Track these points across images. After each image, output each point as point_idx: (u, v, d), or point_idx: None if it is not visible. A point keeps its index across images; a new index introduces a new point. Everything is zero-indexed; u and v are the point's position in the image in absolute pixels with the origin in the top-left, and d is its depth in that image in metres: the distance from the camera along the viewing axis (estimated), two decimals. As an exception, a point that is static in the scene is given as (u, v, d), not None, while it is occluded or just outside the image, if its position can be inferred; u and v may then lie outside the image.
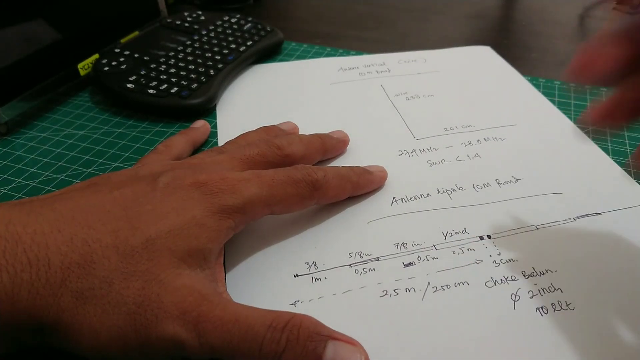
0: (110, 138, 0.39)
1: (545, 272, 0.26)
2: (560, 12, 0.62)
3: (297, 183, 0.27)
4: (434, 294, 0.25)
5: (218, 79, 0.43)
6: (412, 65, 0.48)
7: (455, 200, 0.31)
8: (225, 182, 0.24)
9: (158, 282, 0.21)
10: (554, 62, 0.49)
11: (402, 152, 0.36)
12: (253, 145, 0.30)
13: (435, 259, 0.27)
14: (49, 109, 0.43)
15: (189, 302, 0.21)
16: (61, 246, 0.21)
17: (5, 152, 0.37)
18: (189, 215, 0.23)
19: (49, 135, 0.39)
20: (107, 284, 0.21)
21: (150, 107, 0.41)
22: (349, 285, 0.26)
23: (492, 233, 0.29)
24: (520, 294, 0.25)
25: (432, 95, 0.43)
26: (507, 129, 0.38)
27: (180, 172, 0.25)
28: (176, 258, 0.22)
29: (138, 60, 0.44)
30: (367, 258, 0.28)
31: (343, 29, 0.58)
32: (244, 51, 0.47)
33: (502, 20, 0.62)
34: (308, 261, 0.27)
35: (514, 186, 0.32)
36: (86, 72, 0.44)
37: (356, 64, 0.48)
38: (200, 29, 0.50)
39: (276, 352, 0.20)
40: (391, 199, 0.32)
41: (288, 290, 0.26)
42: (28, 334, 0.21)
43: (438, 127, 0.39)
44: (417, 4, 0.65)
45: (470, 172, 0.34)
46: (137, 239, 0.22)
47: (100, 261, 0.21)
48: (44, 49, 0.41)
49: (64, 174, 0.35)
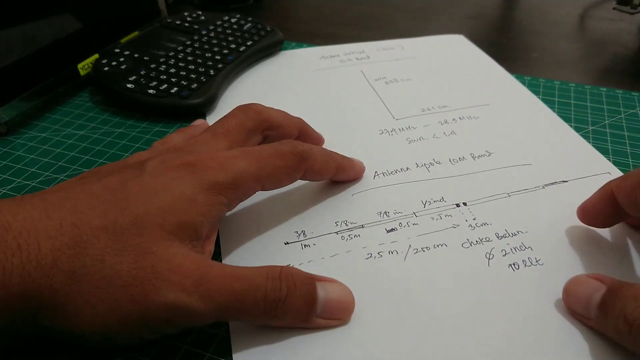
0: (110, 138, 0.39)
1: (516, 233, 0.29)
2: (560, 12, 0.62)
3: (285, 155, 0.27)
4: (415, 255, 0.28)
5: (218, 79, 0.43)
6: (390, 52, 0.50)
7: (433, 173, 0.34)
8: (213, 160, 0.25)
9: (151, 254, 0.21)
10: (554, 62, 0.49)
11: (382, 132, 0.38)
12: (230, 116, 0.30)
13: (416, 224, 0.29)
14: (49, 109, 0.43)
15: (185, 267, 0.21)
16: (50, 230, 0.21)
17: (5, 152, 0.37)
18: (178, 192, 0.23)
19: (49, 135, 0.39)
20: (99, 261, 0.21)
21: (150, 107, 0.41)
22: (336, 250, 0.28)
23: (467, 201, 0.31)
24: (494, 253, 0.28)
25: (409, 79, 0.45)
26: (480, 108, 0.41)
27: (167, 156, 0.25)
28: (166, 232, 0.22)
29: (138, 60, 0.44)
30: (352, 226, 0.29)
31: (343, 29, 0.58)
32: (244, 51, 0.47)
33: (502, 20, 0.62)
34: (297, 230, 0.29)
35: (487, 159, 0.35)
36: (86, 72, 0.44)
37: (337, 52, 0.51)
38: (200, 29, 0.50)
39: (280, 298, 0.22)
40: (373, 172, 0.34)
41: (279, 256, 0.28)
42: (23, 321, 0.21)
43: (416, 108, 0.41)
44: (417, 4, 0.65)
45: (447, 147, 0.36)
46: (125, 218, 0.22)
47: (90, 241, 0.21)
48: (44, 49, 0.41)
49: (64, 174, 0.35)
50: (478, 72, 0.47)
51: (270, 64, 0.49)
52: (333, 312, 0.24)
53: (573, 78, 0.46)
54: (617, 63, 0.50)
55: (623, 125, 0.39)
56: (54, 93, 0.43)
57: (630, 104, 0.42)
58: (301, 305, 0.22)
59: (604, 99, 0.43)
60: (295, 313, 0.23)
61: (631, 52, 0.52)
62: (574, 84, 0.45)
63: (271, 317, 0.22)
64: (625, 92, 0.44)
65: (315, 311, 0.23)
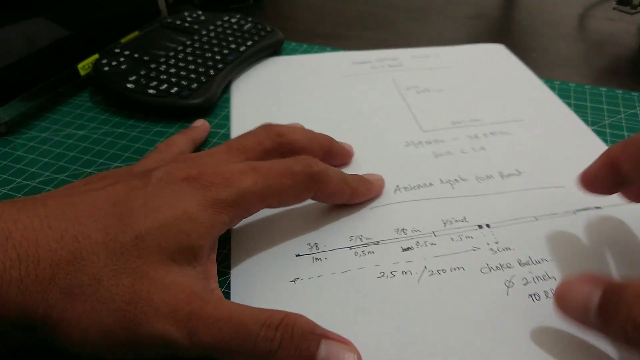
0: (111, 138, 0.39)
1: (540, 261, 0.27)
2: (560, 12, 0.62)
3: (295, 175, 0.26)
4: (430, 277, 0.26)
5: (218, 79, 0.43)
6: (424, 60, 0.49)
7: (458, 191, 0.32)
8: (218, 175, 0.24)
9: (148, 280, 0.21)
10: (554, 62, 0.49)
11: (408, 144, 0.37)
12: (250, 134, 0.29)
13: (434, 244, 0.28)
14: (49, 109, 0.43)
15: (179, 299, 0.21)
16: (51, 242, 0.21)
17: (5, 152, 0.37)
18: (180, 210, 0.22)
19: (49, 135, 0.39)
20: (96, 281, 0.20)
21: (150, 107, 0.41)
22: (348, 265, 0.27)
23: (491, 222, 0.29)
24: (514, 281, 0.26)
25: (442, 89, 0.43)
26: (514, 124, 0.39)
27: (173, 167, 0.25)
28: (166, 255, 0.22)
29: (138, 60, 0.44)
30: (367, 241, 0.28)
31: (343, 29, 0.58)
32: (244, 51, 0.47)
33: (502, 20, 0.62)
34: (310, 242, 0.28)
35: (516, 179, 0.33)
36: (86, 72, 0.44)
37: (369, 58, 0.49)
38: (200, 29, 0.50)
39: (270, 350, 0.20)
40: (395, 186, 0.32)
41: (289, 269, 0.27)
42: (18, 331, 0.20)
43: (446, 120, 0.39)
44: (417, 4, 0.65)
45: (474, 164, 0.34)
46: (126, 236, 0.21)
47: (90, 258, 0.21)
48: (44, 49, 0.41)
49: (64, 174, 0.35)
50: (515, 86, 0.44)
51: (303, 68, 0.48)
52: None
53: (573, 78, 0.46)
54: (617, 63, 0.50)
55: (623, 125, 0.39)
56: (54, 93, 0.43)
57: (630, 104, 0.42)
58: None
59: (603, 99, 0.43)
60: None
61: (631, 52, 0.52)
62: (573, 84, 0.45)
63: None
64: (625, 92, 0.44)
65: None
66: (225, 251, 0.28)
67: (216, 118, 0.41)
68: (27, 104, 0.40)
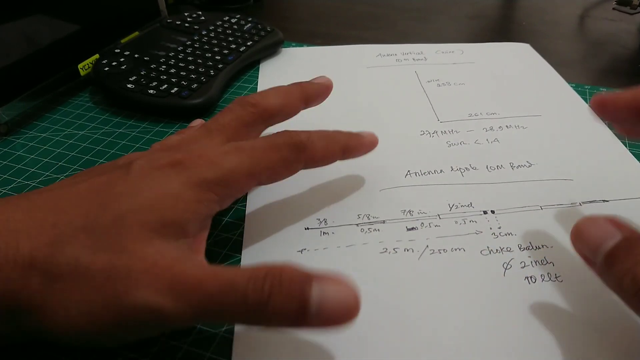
0: (111, 138, 0.39)
1: (540, 247, 0.28)
2: (560, 12, 0.62)
3: (280, 147, 0.26)
4: (431, 255, 0.27)
5: (218, 79, 0.43)
6: (448, 55, 0.50)
7: (467, 178, 0.33)
8: (202, 158, 0.24)
9: (127, 253, 0.20)
10: (554, 62, 0.49)
11: (423, 132, 0.38)
12: (226, 111, 0.29)
13: (437, 226, 0.29)
14: (49, 109, 0.43)
15: (159, 266, 0.20)
16: (31, 230, 0.21)
17: (5, 152, 0.37)
18: (163, 190, 0.22)
19: (49, 136, 0.39)
20: (75, 260, 0.20)
21: (150, 107, 0.41)
22: (353, 240, 0.28)
23: (496, 209, 0.30)
24: (512, 264, 0.27)
25: (463, 83, 0.45)
26: (531, 119, 0.39)
27: (156, 155, 0.24)
28: (147, 230, 0.21)
29: (138, 60, 0.44)
30: (373, 220, 0.30)
31: (343, 29, 0.58)
32: (244, 51, 0.47)
33: (502, 20, 0.62)
34: (319, 217, 0.30)
35: (526, 170, 0.34)
36: (86, 72, 0.44)
37: (394, 51, 0.51)
38: (200, 29, 0.50)
39: (261, 300, 0.19)
40: (406, 171, 0.34)
41: (297, 240, 0.28)
42: (3, 321, 0.20)
43: (463, 112, 0.40)
44: (417, 4, 0.65)
45: (486, 154, 0.35)
46: (106, 217, 0.21)
47: (69, 241, 0.21)
48: (44, 49, 0.41)
49: (64, 174, 0.35)
50: (536, 82, 0.45)
51: (330, 60, 0.49)
52: (330, 314, 0.20)
53: (573, 78, 0.46)
54: (617, 63, 0.50)
55: (623, 125, 0.39)
56: (54, 93, 0.43)
57: (630, 104, 0.42)
58: (289, 307, 0.20)
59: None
60: (284, 315, 0.20)
61: (631, 52, 0.52)
62: (573, 84, 0.45)
63: (257, 320, 0.20)
64: (625, 92, 0.44)
65: (309, 313, 0.20)
66: (236, 236, 0.29)
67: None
68: (27, 104, 0.40)
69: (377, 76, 0.46)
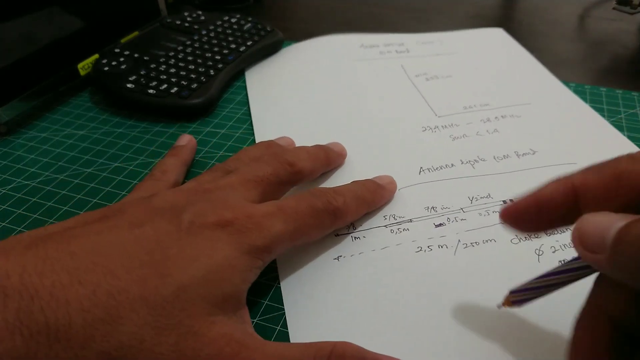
0: (110, 138, 0.39)
1: (565, 230, 0.28)
2: (560, 12, 0.62)
3: (319, 214, 0.26)
4: (465, 249, 0.28)
5: (218, 79, 0.43)
6: (429, 46, 0.51)
7: (478, 170, 0.34)
8: (251, 220, 0.23)
9: (192, 335, 0.20)
10: (554, 62, 0.49)
11: (425, 128, 0.38)
12: (263, 162, 0.28)
13: (464, 220, 0.30)
14: (49, 109, 0.43)
15: (226, 353, 0.20)
16: (83, 301, 0.19)
17: (5, 152, 0.37)
18: (220, 257, 0.22)
19: (49, 135, 0.39)
20: (138, 342, 0.19)
21: (150, 107, 0.41)
22: (386, 242, 0.28)
23: (514, 197, 0.30)
24: (543, 250, 0.28)
25: (450, 76, 0.45)
26: (522, 107, 0.41)
27: (201, 208, 0.23)
28: (210, 305, 0.21)
29: (138, 60, 0.44)
30: (400, 220, 0.30)
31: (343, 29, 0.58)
32: (244, 51, 0.47)
33: (502, 20, 0.62)
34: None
35: (531, 157, 0.35)
36: (86, 72, 0.44)
37: (377, 42, 0.51)
38: (200, 29, 0.50)
39: None
40: (419, 168, 0.34)
41: (331, 248, 0.28)
42: None
43: (458, 105, 0.41)
44: (417, 4, 0.65)
45: (491, 145, 0.36)
46: (167, 288, 0.20)
47: (128, 316, 0.19)
48: (44, 49, 0.41)
49: (64, 174, 0.35)
50: (518, 70, 0.47)
51: (313, 51, 0.49)
52: None
53: (573, 78, 0.46)
54: (617, 63, 0.50)
55: (623, 125, 0.39)
56: (54, 93, 0.43)
57: (630, 104, 0.42)
58: None
59: (603, 99, 0.43)
60: None
61: (631, 52, 0.52)
62: (574, 84, 0.45)
63: None
64: (625, 92, 0.44)
65: None
66: None
67: (216, 118, 0.41)
68: (27, 104, 0.40)
69: (366, 72, 0.46)
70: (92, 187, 0.34)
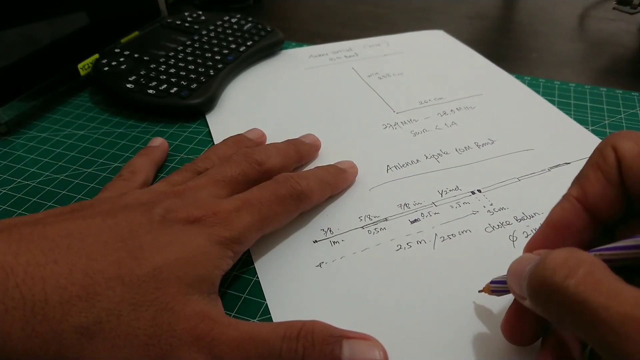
0: (110, 138, 0.39)
1: (533, 215, 0.30)
2: (560, 12, 0.62)
3: (284, 200, 0.27)
4: (443, 242, 0.28)
5: (218, 79, 0.43)
6: (376, 48, 0.52)
7: (443, 163, 0.35)
8: (218, 216, 0.24)
9: (168, 311, 0.21)
10: (554, 62, 0.49)
11: (386, 126, 0.39)
12: (233, 163, 0.29)
13: (437, 214, 0.30)
14: (49, 109, 0.43)
15: (201, 328, 0.21)
16: (59, 279, 0.19)
17: (5, 152, 0.37)
18: (193, 245, 0.23)
19: (49, 135, 0.39)
20: (115, 317, 0.19)
21: (150, 107, 0.41)
22: (366, 244, 0.29)
23: (481, 187, 0.32)
24: (516, 235, 0.29)
25: (401, 73, 0.46)
26: (475, 99, 0.42)
27: (172, 204, 0.24)
28: (185, 285, 0.21)
29: (138, 60, 0.44)
30: (376, 219, 0.30)
31: (343, 29, 0.58)
32: (244, 51, 0.47)
33: (502, 20, 0.62)
34: (323, 228, 0.30)
35: (491, 147, 0.36)
36: (86, 72, 0.44)
37: (325, 51, 0.52)
38: (200, 29, 0.50)
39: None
40: (386, 166, 0.34)
41: (311, 255, 0.28)
42: None
43: (413, 101, 0.42)
44: (417, 4, 0.65)
45: (451, 138, 0.37)
46: (142, 269, 0.21)
47: (105, 293, 0.20)
48: (44, 49, 0.41)
49: (64, 174, 0.35)
50: (464, 64, 0.48)
51: (269, 63, 0.49)
52: None
53: (573, 78, 0.46)
54: (617, 63, 0.50)
55: (623, 125, 0.39)
56: (54, 93, 0.43)
57: (630, 104, 0.42)
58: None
59: (603, 99, 0.43)
60: None
61: (631, 52, 0.52)
62: (573, 84, 0.45)
63: None
64: (625, 92, 0.44)
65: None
66: (245, 256, 0.28)
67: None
68: (27, 104, 0.40)
69: (320, 77, 0.46)
70: (92, 187, 0.34)
